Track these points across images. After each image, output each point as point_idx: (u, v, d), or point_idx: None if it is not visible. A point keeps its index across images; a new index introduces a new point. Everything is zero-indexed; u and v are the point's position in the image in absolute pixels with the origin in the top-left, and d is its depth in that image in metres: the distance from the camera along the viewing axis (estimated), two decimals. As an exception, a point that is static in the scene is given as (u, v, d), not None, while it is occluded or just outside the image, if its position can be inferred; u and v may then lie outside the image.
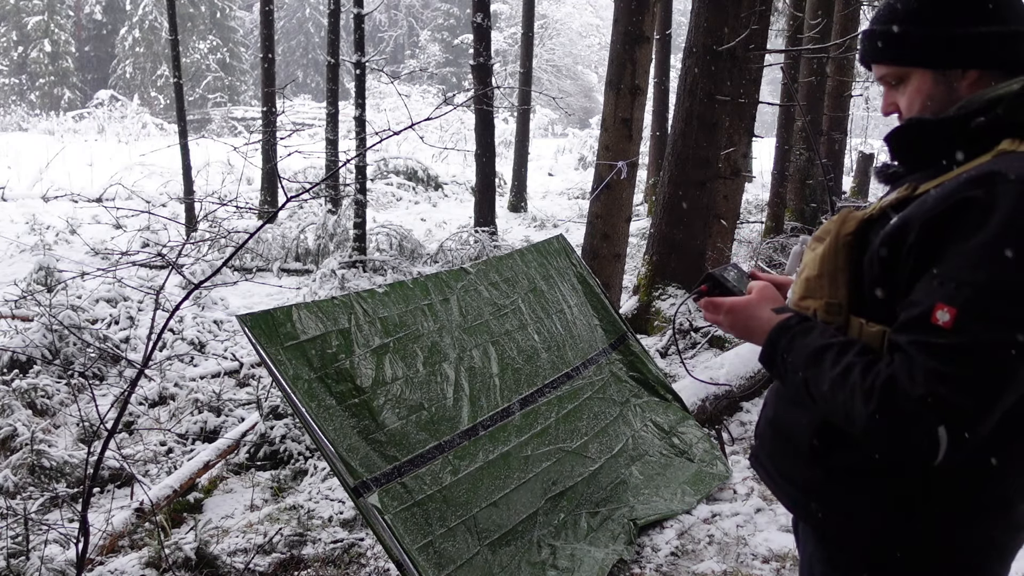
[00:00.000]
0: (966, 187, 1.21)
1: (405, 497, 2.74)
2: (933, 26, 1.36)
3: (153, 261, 8.01)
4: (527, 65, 15.61)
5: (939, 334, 1.16)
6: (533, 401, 3.40)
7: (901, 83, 1.43)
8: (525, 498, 3.14)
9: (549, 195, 18.11)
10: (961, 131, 1.32)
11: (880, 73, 1.45)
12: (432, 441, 2.93)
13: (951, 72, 1.37)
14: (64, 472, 4.27)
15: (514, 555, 2.98)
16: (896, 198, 1.35)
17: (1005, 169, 1.21)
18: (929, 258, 1.22)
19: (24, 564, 3.15)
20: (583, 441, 3.51)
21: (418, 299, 3.20)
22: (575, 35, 45.18)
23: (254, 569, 3.33)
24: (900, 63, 1.41)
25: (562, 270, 3.99)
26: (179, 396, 5.57)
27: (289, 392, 2.62)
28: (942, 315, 1.16)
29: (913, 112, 1.40)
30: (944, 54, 1.37)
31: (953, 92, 1.37)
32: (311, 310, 2.81)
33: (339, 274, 8.79)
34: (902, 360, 1.18)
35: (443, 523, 2.80)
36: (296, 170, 15.78)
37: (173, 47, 11.62)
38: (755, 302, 1.49)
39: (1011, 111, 1.29)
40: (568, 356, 3.68)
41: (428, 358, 3.09)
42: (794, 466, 1.47)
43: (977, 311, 1.15)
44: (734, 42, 6.21)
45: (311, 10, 48.12)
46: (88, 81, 41.35)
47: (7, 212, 12.59)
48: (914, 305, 1.21)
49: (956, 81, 1.37)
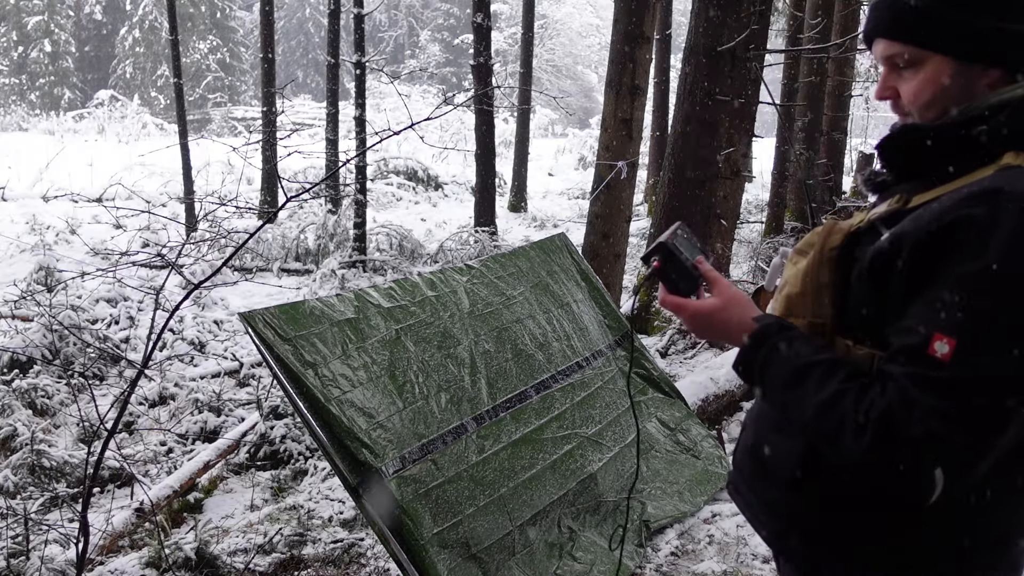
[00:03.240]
0: (966, 204, 1.10)
1: (427, 479, 2.71)
2: (966, 11, 1.19)
3: (153, 261, 7.99)
4: (527, 65, 15.61)
5: (937, 367, 1.06)
6: (548, 387, 3.39)
7: (911, 67, 1.25)
8: (552, 480, 3.13)
9: (549, 195, 18.11)
10: (961, 140, 1.20)
11: (888, 51, 1.26)
12: (455, 420, 2.92)
13: (974, 66, 1.21)
14: (64, 472, 4.27)
15: (538, 534, 2.97)
16: (887, 211, 1.24)
17: (1009, 186, 1.10)
18: (924, 280, 1.11)
19: (24, 564, 3.15)
20: (598, 428, 3.50)
21: (425, 291, 3.19)
22: (575, 35, 45.17)
23: (254, 569, 3.33)
24: (920, 44, 1.22)
25: (565, 267, 3.98)
26: (179, 396, 5.57)
27: (290, 388, 2.59)
28: (940, 347, 1.06)
29: (920, 102, 1.25)
30: (974, 44, 1.20)
31: (970, 89, 1.22)
32: (316, 304, 2.80)
33: (339, 274, 8.79)
34: (897, 393, 1.08)
35: (473, 502, 2.78)
36: (296, 170, 15.76)
37: (173, 47, 11.62)
38: (721, 307, 1.34)
39: (1014, 119, 1.17)
40: (578, 346, 3.66)
41: (441, 343, 3.07)
42: (775, 496, 1.37)
43: (979, 343, 1.05)
44: (734, 42, 6.21)
45: (311, 10, 48.11)
46: (88, 81, 41.33)
47: (7, 212, 12.59)
48: (909, 333, 1.11)
49: (976, 78, 1.21)
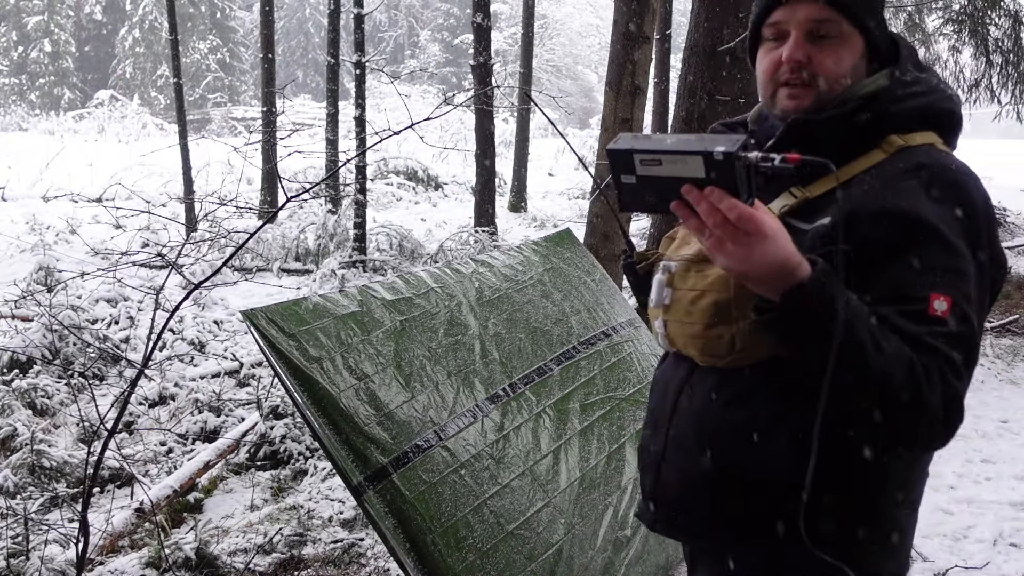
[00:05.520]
0: (911, 176, 1.20)
1: (441, 467, 2.63)
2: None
3: (153, 261, 8.00)
4: (527, 65, 15.61)
5: (941, 323, 1.12)
6: (571, 357, 3.21)
7: (833, 39, 1.27)
8: (586, 447, 3.00)
9: (549, 195, 18.11)
10: (852, 126, 1.25)
11: (820, 15, 1.25)
12: (468, 403, 2.84)
13: (865, 52, 1.30)
14: (64, 472, 4.27)
15: (576, 505, 2.84)
16: (790, 206, 1.26)
17: (947, 161, 1.22)
18: (895, 250, 1.16)
19: (24, 564, 3.15)
20: (637, 388, 3.28)
21: (429, 283, 3.13)
22: (575, 35, 45.16)
23: (254, 569, 3.33)
24: (851, 18, 1.26)
25: (577, 255, 3.89)
26: (179, 396, 5.57)
27: (291, 385, 2.56)
28: (939, 304, 1.12)
29: (839, 75, 1.27)
30: (879, 31, 1.30)
31: (859, 73, 1.30)
32: (318, 300, 2.77)
33: (339, 274, 8.80)
34: (931, 353, 1.10)
35: (495, 481, 2.71)
36: (296, 170, 15.76)
37: (173, 47, 11.62)
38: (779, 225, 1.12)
39: (891, 105, 1.26)
40: (601, 317, 3.49)
41: (448, 330, 2.98)
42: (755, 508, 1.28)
43: (968, 298, 1.14)
44: (734, 42, 6.21)
45: (311, 10, 48.11)
46: (88, 81, 41.34)
47: (7, 212, 12.59)
48: (906, 300, 1.13)
49: (863, 64, 1.30)
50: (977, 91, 10.06)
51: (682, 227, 1.40)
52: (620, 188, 1.11)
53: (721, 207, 1.04)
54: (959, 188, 1.19)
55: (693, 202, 1.06)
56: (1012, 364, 6.15)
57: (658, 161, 1.07)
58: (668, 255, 1.42)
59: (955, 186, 1.19)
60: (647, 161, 1.08)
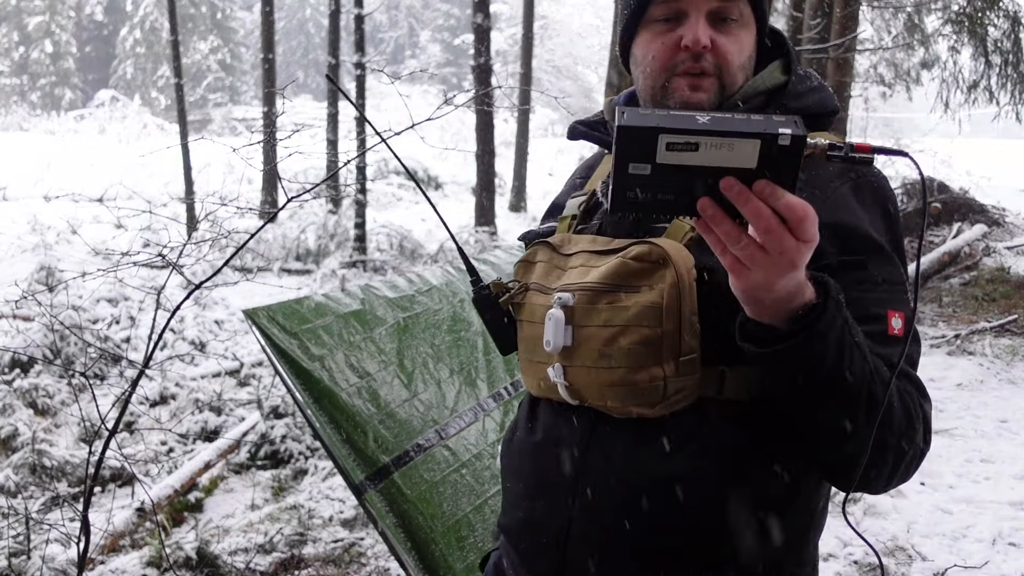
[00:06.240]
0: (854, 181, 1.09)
1: (442, 466, 2.63)
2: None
3: (154, 261, 7.99)
4: (527, 65, 15.63)
5: (899, 342, 1.00)
6: None
7: (734, 26, 1.10)
8: None
9: (549, 195, 17.97)
10: None
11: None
12: (471, 402, 2.83)
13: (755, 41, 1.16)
14: (65, 472, 4.28)
15: None
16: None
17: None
18: (848, 264, 1.02)
19: (25, 563, 3.16)
20: None
21: (431, 281, 3.15)
22: (575, 35, 45.16)
23: (255, 568, 3.34)
24: (752, 5, 1.13)
25: None
26: (180, 396, 5.58)
27: (292, 384, 2.57)
28: (896, 322, 1.02)
29: (740, 62, 1.11)
30: (765, 22, 1.18)
31: (751, 64, 1.16)
32: (320, 299, 2.78)
33: (340, 274, 8.82)
34: (905, 378, 1.02)
35: (497, 481, 2.65)
36: (297, 170, 15.73)
37: (174, 47, 11.65)
38: None
39: (790, 100, 1.13)
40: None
41: (452, 327, 2.98)
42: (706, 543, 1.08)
43: (912, 310, 1.01)
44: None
45: (311, 10, 48.13)
46: (89, 81, 41.34)
47: (8, 212, 12.58)
48: (864, 319, 1.00)
49: (754, 53, 1.16)
50: (976, 91, 10.09)
51: (541, 250, 1.22)
52: (622, 180, 0.81)
53: (779, 207, 0.79)
54: (884, 191, 1.11)
55: (735, 201, 0.79)
56: (1011, 364, 6.15)
57: (694, 145, 0.79)
58: (546, 285, 1.17)
59: (880, 189, 1.11)
60: (677, 145, 0.79)
